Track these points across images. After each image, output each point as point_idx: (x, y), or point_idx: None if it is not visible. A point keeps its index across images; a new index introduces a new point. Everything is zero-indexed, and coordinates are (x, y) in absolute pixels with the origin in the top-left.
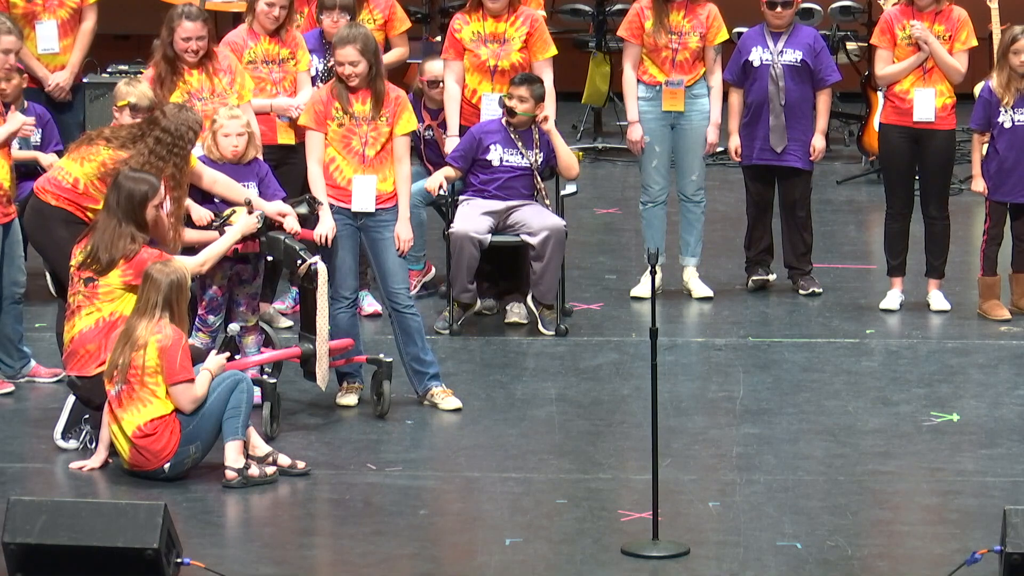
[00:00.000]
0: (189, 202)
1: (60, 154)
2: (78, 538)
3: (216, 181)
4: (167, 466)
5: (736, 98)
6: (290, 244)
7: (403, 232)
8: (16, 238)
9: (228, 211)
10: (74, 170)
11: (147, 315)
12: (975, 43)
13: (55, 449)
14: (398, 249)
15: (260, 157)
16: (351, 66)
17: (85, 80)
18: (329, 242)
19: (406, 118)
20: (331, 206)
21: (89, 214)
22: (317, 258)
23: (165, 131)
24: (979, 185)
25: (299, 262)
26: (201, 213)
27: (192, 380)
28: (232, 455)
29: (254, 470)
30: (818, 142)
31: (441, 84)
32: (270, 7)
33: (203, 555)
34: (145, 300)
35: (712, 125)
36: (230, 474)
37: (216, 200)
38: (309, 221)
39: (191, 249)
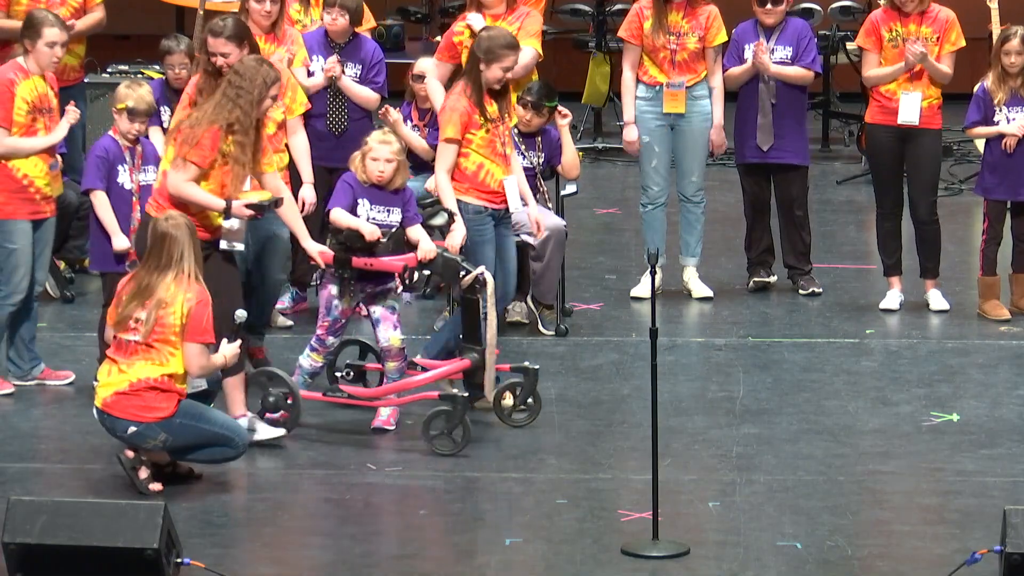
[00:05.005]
0: (359, 222)
1: (64, 156)
2: (78, 538)
3: (295, 148)
4: (133, 429)
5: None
6: (449, 257)
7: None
8: (47, 238)
9: (268, 196)
10: (163, 164)
11: (172, 269)
12: (963, 43)
13: (55, 449)
14: None
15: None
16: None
17: (85, 80)
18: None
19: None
20: (484, 209)
21: (195, 221)
22: (482, 268)
23: (237, 73)
24: (1015, 127)
25: (463, 273)
26: (371, 229)
27: (208, 346)
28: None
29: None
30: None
31: (424, 80)
32: (260, 3)
33: (203, 555)
34: (168, 256)
35: (716, 127)
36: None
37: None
38: (443, 231)
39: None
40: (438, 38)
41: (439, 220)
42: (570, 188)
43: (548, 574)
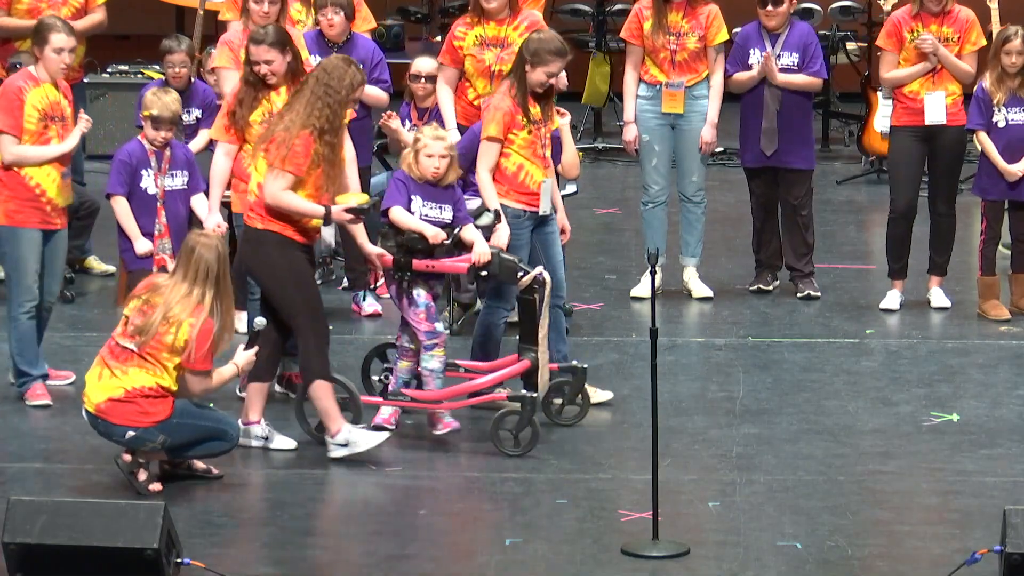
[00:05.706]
0: (421, 224)
1: None
2: (78, 538)
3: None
4: (131, 434)
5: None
6: (505, 257)
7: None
8: (59, 250)
9: (365, 200)
10: (255, 177)
11: (193, 286)
12: (984, 42)
13: (55, 449)
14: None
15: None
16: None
17: (85, 80)
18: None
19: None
20: (523, 213)
21: (297, 229)
22: (540, 268)
23: (325, 71)
24: (1019, 167)
25: (520, 274)
26: (434, 232)
27: (209, 372)
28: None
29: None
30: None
31: (422, 79)
32: (259, 4)
33: (203, 555)
34: (194, 272)
35: (709, 124)
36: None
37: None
38: (487, 232)
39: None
40: (438, 38)
41: (486, 220)
42: (570, 188)
43: (548, 574)
